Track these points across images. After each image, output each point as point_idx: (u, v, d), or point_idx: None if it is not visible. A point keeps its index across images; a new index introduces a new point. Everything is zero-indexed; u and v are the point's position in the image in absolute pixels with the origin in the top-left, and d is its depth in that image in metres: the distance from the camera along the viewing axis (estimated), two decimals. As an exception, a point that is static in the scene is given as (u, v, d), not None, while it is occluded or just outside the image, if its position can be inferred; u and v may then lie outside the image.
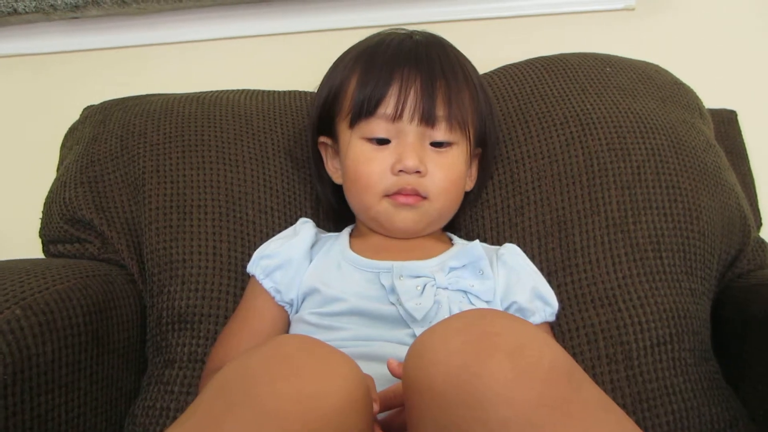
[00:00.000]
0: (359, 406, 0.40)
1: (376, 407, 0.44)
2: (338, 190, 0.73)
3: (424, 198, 0.65)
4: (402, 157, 0.63)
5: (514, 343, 0.37)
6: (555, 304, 0.66)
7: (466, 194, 0.73)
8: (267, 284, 0.65)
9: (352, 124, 0.65)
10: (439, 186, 0.65)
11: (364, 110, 0.64)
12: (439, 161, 0.65)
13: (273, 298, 0.65)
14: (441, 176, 0.65)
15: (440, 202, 0.66)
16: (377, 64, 0.65)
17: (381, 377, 0.50)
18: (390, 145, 0.64)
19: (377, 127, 0.64)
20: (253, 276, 0.67)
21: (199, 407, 0.38)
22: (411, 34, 0.69)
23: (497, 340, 0.38)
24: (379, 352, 0.56)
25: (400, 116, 0.63)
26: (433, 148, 0.65)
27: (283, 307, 0.66)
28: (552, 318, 0.66)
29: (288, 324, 0.66)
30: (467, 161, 0.69)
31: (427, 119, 0.63)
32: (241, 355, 0.40)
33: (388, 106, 0.63)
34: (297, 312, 0.65)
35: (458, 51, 0.71)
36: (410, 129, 0.64)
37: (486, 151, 0.73)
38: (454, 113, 0.64)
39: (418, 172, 0.63)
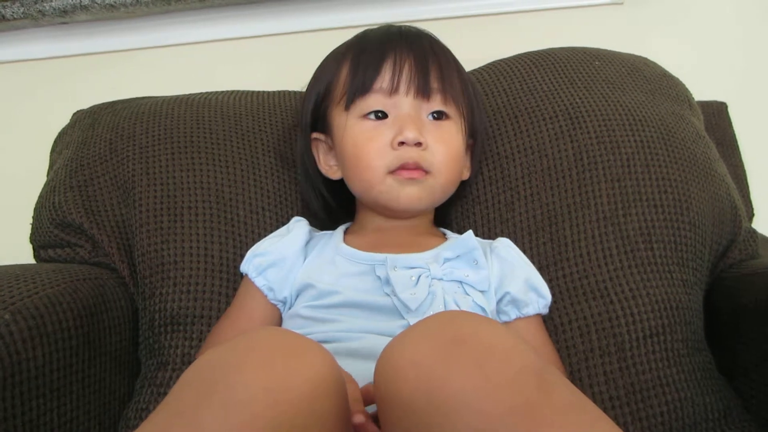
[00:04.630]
0: (330, 392, 0.40)
1: (359, 406, 0.44)
2: (330, 188, 0.72)
3: (428, 173, 0.64)
4: (402, 129, 0.62)
5: (482, 349, 0.37)
6: (548, 296, 0.66)
7: (462, 183, 0.73)
8: (259, 282, 0.65)
9: (348, 105, 0.65)
10: (441, 160, 0.64)
11: (360, 88, 0.64)
12: (439, 135, 0.65)
13: (266, 296, 0.65)
14: (442, 150, 0.65)
15: (443, 177, 0.65)
16: (368, 48, 0.66)
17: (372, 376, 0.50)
18: (388, 120, 0.64)
19: (374, 102, 0.64)
20: (246, 275, 0.66)
21: (171, 400, 0.38)
22: (396, 26, 0.70)
23: (465, 346, 0.37)
24: (372, 349, 0.56)
25: (396, 89, 0.63)
26: (431, 120, 0.65)
27: (275, 305, 0.65)
28: (545, 310, 0.66)
29: (280, 323, 0.66)
30: (464, 139, 0.69)
31: (423, 91, 0.64)
32: (210, 349, 0.41)
33: (384, 81, 0.63)
34: (290, 309, 0.65)
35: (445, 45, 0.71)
36: (407, 102, 0.64)
37: (476, 143, 0.73)
38: (448, 88, 0.65)
39: (419, 144, 0.63)
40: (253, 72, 1.09)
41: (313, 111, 0.70)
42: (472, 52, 0.96)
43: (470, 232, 0.64)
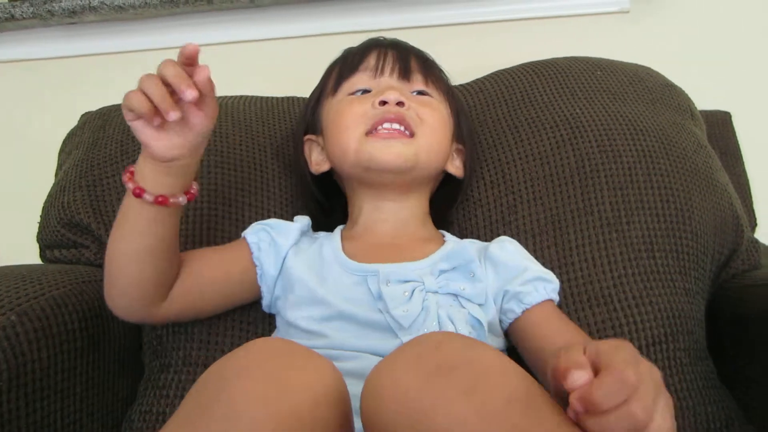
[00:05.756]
0: (332, 401, 0.40)
1: None
2: (323, 190, 0.73)
3: (411, 136, 0.64)
4: (383, 92, 0.64)
5: (469, 377, 0.37)
6: (553, 280, 0.63)
7: (457, 183, 0.73)
8: (251, 238, 0.65)
9: (336, 88, 0.69)
10: (425, 119, 0.65)
11: (346, 70, 0.69)
12: (421, 102, 0.67)
13: (251, 253, 0.64)
14: (426, 112, 0.66)
15: (428, 137, 0.65)
16: (354, 51, 0.72)
17: None
18: (371, 92, 0.67)
19: (359, 80, 0.68)
20: (244, 237, 0.66)
21: (179, 412, 0.39)
22: (378, 37, 0.75)
23: (453, 375, 0.37)
24: (366, 370, 0.55)
25: (381, 71, 0.68)
26: (414, 95, 0.68)
27: (255, 271, 0.64)
28: (554, 295, 0.63)
29: (252, 290, 0.65)
30: (450, 119, 0.70)
31: (404, 73, 0.68)
32: (217, 360, 0.41)
33: (370, 63, 0.69)
34: (273, 296, 0.65)
35: None
36: (390, 81, 0.68)
37: (467, 149, 0.73)
38: (429, 73, 0.70)
39: (401, 104, 0.63)
40: (261, 75, 1.09)
41: (307, 116, 0.73)
42: (478, 59, 0.97)
43: (467, 243, 0.64)
